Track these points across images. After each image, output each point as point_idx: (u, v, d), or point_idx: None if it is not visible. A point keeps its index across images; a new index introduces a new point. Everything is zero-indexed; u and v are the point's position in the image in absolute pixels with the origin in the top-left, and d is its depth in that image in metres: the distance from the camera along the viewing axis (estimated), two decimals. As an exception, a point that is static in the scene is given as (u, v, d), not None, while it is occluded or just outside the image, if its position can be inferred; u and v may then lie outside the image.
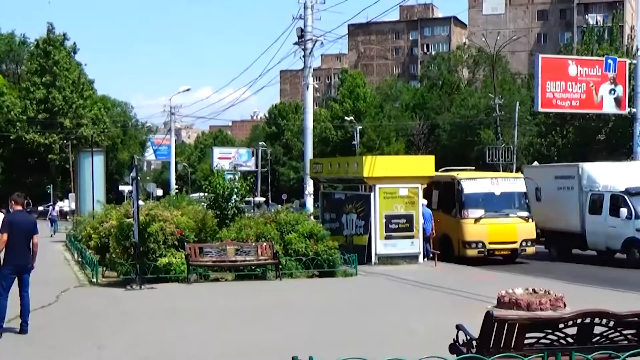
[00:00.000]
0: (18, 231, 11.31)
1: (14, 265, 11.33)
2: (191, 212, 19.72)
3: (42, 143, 79.45)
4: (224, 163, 63.58)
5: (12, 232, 11.22)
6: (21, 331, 11.37)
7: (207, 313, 13.87)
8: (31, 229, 11.60)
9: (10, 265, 11.31)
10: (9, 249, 11.21)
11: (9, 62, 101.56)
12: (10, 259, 11.27)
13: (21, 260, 11.39)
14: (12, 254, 11.25)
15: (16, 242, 11.23)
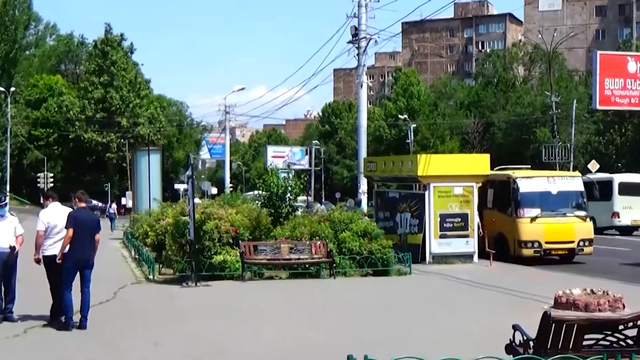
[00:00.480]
0: (81, 228, 11.67)
1: (76, 260, 11.66)
2: (246, 211, 19.82)
3: (100, 142, 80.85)
4: (278, 162, 63.86)
5: (76, 229, 11.56)
6: (80, 326, 11.61)
7: (262, 311, 13.94)
8: (94, 226, 12.06)
9: (72, 260, 11.63)
10: (72, 244, 11.54)
11: (68, 62, 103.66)
12: (72, 254, 11.60)
13: (83, 256, 11.74)
14: (75, 249, 11.58)
15: (79, 238, 11.58)
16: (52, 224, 11.94)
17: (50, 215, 12.07)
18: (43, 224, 11.95)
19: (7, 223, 12.09)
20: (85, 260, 11.80)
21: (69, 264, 11.65)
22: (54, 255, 11.73)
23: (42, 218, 12.07)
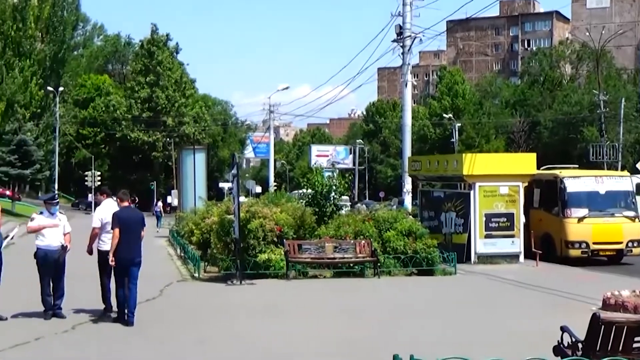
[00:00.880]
0: (126, 226, 11.92)
1: (124, 258, 11.89)
2: (290, 209, 19.86)
3: (146, 141, 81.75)
4: (322, 161, 64.02)
5: (121, 228, 11.83)
6: (127, 323, 11.83)
7: (306, 309, 13.96)
8: (139, 224, 12.36)
9: (121, 258, 11.87)
10: (119, 243, 11.77)
11: (114, 62, 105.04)
12: (120, 253, 11.83)
13: (130, 254, 11.98)
14: (122, 248, 11.80)
15: (125, 237, 11.80)
16: (106, 219, 12.30)
17: (105, 212, 12.47)
18: (98, 220, 12.46)
19: (56, 221, 12.29)
20: (132, 258, 12.03)
21: (118, 262, 11.91)
22: (106, 251, 12.11)
23: (96, 214, 12.66)
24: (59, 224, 12.28)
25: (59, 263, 12.21)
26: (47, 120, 72.33)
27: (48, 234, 12.09)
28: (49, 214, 12.34)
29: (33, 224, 12.23)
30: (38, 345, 10.33)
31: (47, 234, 12.08)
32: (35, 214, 12.62)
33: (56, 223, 12.23)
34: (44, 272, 12.11)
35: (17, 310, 12.42)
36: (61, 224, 12.32)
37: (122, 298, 12.02)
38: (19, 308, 12.52)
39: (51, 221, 12.19)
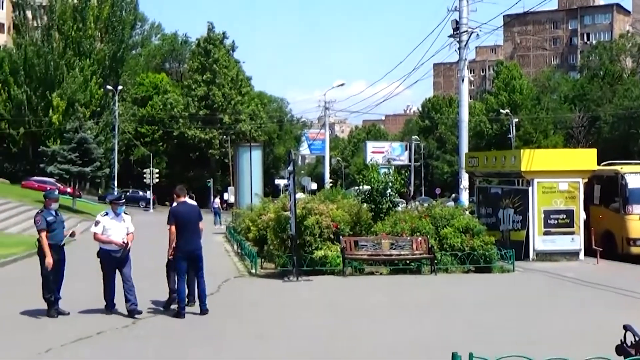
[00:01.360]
0: (184, 221, 12.35)
1: (184, 251, 12.32)
2: (346, 206, 19.85)
3: (202, 138, 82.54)
4: (378, 157, 63.78)
5: (178, 222, 12.27)
6: (202, 312, 12.41)
7: (362, 306, 13.95)
8: (196, 217, 12.71)
9: (181, 252, 12.31)
10: (179, 237, 12.24)
11: (172, 61, 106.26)
12: (180, 246, 12.29)
13: (190, 247, 12.40)
14: (182, 241, 12.27)
15: (184, 231, 12.29)
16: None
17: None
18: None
19: (121, 223, 12.50)
20: (192, 250, 12.45)
21: (178, 256, 12.31)
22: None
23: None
24: (123, 224, 12.49)
25: (122, 261, 12.36)
26: (106, 118, 73.58)
27: (112, 233, 12.28)
28: (114, 214, 12.49)
29: (97, 229, 12.34)
30: (99, 339, 10.51)
31: (113, 234, 12.28)
32: (100, 215, 12.70)
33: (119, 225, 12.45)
34: (107, 271, 12.32)
35: (81, 306, 12.56)
36: (125, 224, 12.51)
37: (182, 292, 12.38)
38: (82, 304, 12.68)
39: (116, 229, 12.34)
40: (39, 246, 12.08)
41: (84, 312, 12.37)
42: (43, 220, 11.97)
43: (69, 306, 12.31)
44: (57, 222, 12.22)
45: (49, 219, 12.04)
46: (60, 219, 12.46)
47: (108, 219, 12.43)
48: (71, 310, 12.28)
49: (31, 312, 12.17)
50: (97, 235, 12.32)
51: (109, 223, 12.36)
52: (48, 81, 72.01)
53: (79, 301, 12.70)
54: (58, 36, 74.96)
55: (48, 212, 12.19)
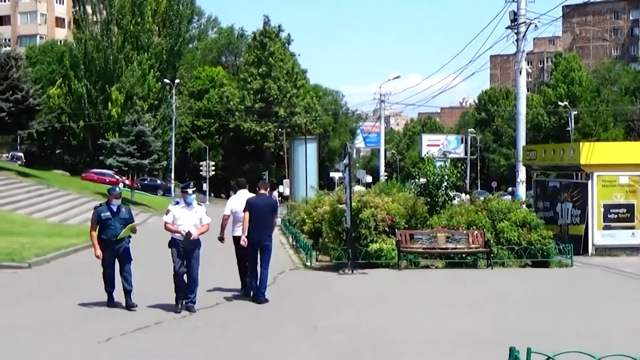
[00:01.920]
0: (256, 212, 12.93)
1: (254, 241, 12.92)
2: (401, 199, 19.77)
3: (258, 131, 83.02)
4: (433, 150, 63.40)
5: (251, 213, 12.88)
6: (259, 302, 12.86)
7: (418, 299, 13.90)
8: (269, 210, 13.27)
9: (251, 241, 12.91)
10: (251, 226, 12.85)
11: (228, 54, 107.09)
12: (250, 236, 12.87)
13: (259, 237, 12.96)
14: (252, 231, 12.88)
15: (255, 221, 12.88)
16: (236, 208, 13.53)
17: (236, 201, 13.69)
18: (228, 209, 13.76)
19: (192, 213, 12.11)
20: (260, 240, 12.98)
21: (249, 245, 12.95)
22: (239, 236, 13.19)
23: (228, 204, 13.92)
24: (194, 215, 12.09)
25: (191, 252, 12.01)
26: (164, 111, 74.50)
27: (184, 224, 11.97)
28: (184, 204, 12.15)
29: (167, 218, 12.10)
30: (158, 329, 10.66)
31: (183, 224, 11.97)
32: (171, 205, 12.46)
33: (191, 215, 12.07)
34: (178, 262, 11.96)
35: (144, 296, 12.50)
36: (197, 215, 12.12)
37: (255, 280, 13.09)
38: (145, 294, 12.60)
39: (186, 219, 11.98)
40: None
41: (147, 302, 12.33)
42: (95, 216, 12.09)
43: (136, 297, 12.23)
44: (114, 218, 12.02)
45: (103, 214, 12.00)
46: (122, 215, 12.16)
47: (179, 208, 12.13)
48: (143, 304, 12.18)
49: (93, 301, 12.34)
50: (167, 225, 12.09)
51: (179, 212, 12.06)
52: (107, 75, 73.21)
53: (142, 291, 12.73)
54: (117, 30, 76.08)
55: (105, 208, 12.12)
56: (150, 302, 12.40)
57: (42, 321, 11.10)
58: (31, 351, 9.30)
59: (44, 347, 9.51)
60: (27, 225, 28.67)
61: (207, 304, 12.39)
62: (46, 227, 28.95)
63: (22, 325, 10.79)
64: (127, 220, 12.22)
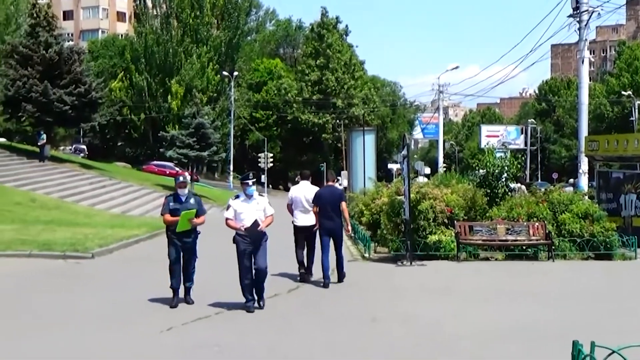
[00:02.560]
0: (324, 202, 13.94)
1: (325, 229, 13.92)
2: (461, 191, 19.60)
3: (316, 123, 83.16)
4: (492, 141, 62.61)
5: (319, 204, 13.91)
6: (324, 285, 13.68)
7: (478, 291, 13.78)
8: (336, 200, 14.14)
9: (322, 229, 13.96)
10: (321, 216, 13.92)
11: (286, 46, 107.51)
12: (322, 224, 13.92)
13: (329, 225, 13.91)
14: (322, 220, 13.92)
15: (324, 211, 13.91)
16: (297, 197, 14.31)
17: (295, 191, 14.57)
18: (289, 198, 14.54)
19: (254, 205, 11.49)
20: (331, 229, 13.96)
21: (321, 232, 13.99)
22: (300, 226, 14.20)
23: (289, 194, 14.73)
24: (256, 207, 11.47)
25: (260, 248, 11.43)
26: (222, 104, 75.21)
27: (246, 218, 11.35)
28: (245, 196, 11.48)
29: (228, 214, 11.55)
30: (218, 319, 10.77)
31: (246, 218, 11.35)
32: (231, 199, 11.74)
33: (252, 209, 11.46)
34: (242, 258, 11.38)
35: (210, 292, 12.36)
36: (259, 207, 11.50)
37: (325, 264, 13.83)
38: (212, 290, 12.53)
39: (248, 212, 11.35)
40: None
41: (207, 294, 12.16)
42: (164, 205, 11.73)
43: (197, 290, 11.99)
44: (181, 208, 11.52)
45: (171, 204, 11.62)
46: (189, 206, 11.62)
47: (239, 202, 11.49)
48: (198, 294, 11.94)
49: (156, 291, 12.38)
50: (228, 221, 11.53)
51: (240, 206, 11.44)
52: (167, 68, 74.20)
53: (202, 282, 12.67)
54: (176, 24, 77.05)
55: (172, 198, 11.75)
56: (211, 293, 12.48)
57: (105, 310, 11.31)
58: (95, 339, 9.49)
59: (107, 335, 9.69)
60: (90, 216, 29.27)
61: (266, 295, 12.45)
62: (108, 218, 29.51)
63: (86, 314, 11.02)
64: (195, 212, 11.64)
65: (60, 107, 44.45)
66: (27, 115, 45.10)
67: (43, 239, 19.73)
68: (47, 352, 8.71)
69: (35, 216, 26.60)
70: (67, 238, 19.97)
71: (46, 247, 18.25)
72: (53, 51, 45.32)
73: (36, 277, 14.88)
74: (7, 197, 30.37)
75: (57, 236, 20.46)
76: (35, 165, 41.67)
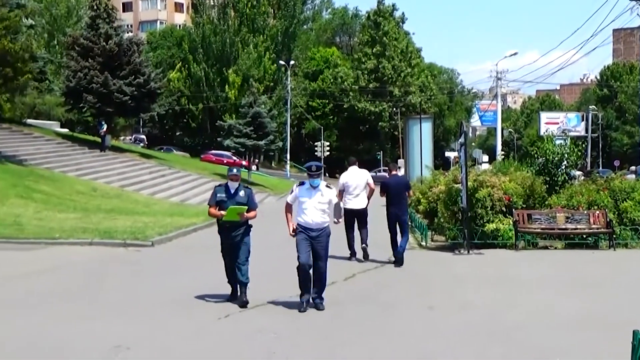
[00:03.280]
0: (392, 190, 15.26)
1: (393, 214, 15.20)
2: (519, 178, 19.36)
3: (372, 111, 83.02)
4: (552, 128, 61.67)
5: (388, 191, 15.27)
6: (396, 262, 15.13)
7: (536, 280, 13.61)
8: (401, 188, 15.51)
9: (390, 215, 15.23)
10: (389, 203, 15.21)
11: (342, 34, 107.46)
12: (390, 210, 15.20)
13: (397, 211, 15.21)
14: (391, 206, 15.21)
15: (392, 198, 15.20)
16: (348, 183, 15.62)
17: (346, 177, 15.79)
18: (341, 184, 15.73)
19: (317, 196, 10.75)
20: (398, 214, 15.23)
21: (390, 219, 15.22)
22: (350, 209, 15.32)
23: (340, 179, 15.99)
24: (321, 198, 10.76)
25: (323, 244, 10.79)
26: (279, 93, 75.53)
27: (308, 208, 10.69)
28: (309, 186, 10.81)
29: (289, 199, 11.03)
30: (276, 308, 10.84)
31: (308, 209, 10.69)
32: (296, 185, 11.15)
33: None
34: (303, 253, 10.56)
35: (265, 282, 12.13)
36: (324, 198, 10.77)
37: (396, 245, 15.21)
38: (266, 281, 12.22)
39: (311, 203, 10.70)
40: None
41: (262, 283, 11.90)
42: (212, 196, 11.06)
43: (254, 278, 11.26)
44: (229, 200, 10.80)
45: (218, 195, 10.90)
46: (238, 198, 10.83)
47: (304, 189, 10.85)
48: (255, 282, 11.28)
49: (213, 279, 12.30)
50: (287, 206, 11.05)
51: (304, 194, 10.80)
52: (224, 58, 74.80)
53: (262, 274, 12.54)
54: (233, 14, 77.60)
55: (222, 189, 11.00)
56: (268, 281, 12.55)
57: (164, 297, 11.49)
58: (154, 325, 9.66)
59: (167, 321, 9.85)
60: (150, 205, 29.74)
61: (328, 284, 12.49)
62: (167, 206, 29.95)
63: (146, 301, 11.22)
64: (243, 205, 10.83)
65: (120, 98, 45.21)
66: (88, 105, 45.97)
67: (104, 227, 20.14)
68: (115, 335, 8.91)
69: (96, 205, 27.13)
70: (127, 226, 20.35)
71: (107, 235, 18.63)
72: (113, 42, 46.07)
73: (99, 264, 15.20)
74: (70, 186, 31.05)
75: (118, 224, 20.86)
76: (97, 155, 42.48)
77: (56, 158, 37.78)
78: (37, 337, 8.93)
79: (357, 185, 15.60)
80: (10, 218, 21.12)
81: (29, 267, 14.37)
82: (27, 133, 43.63)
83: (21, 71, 32.69)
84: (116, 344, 8.50)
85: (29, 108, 50.94)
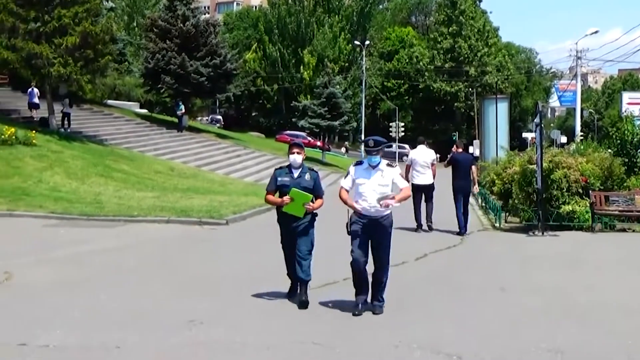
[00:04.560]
0: (459, 165, 17.01)
1: (459, 187, 16.96)
2: (597, 160, 18.96)
3: (448, 91, 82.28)
4: (634, 109, 59.99)
5: (456, 166, 16.98)
6: (460, 233, 16.65)
7: (613, 263, 13.37)
8: (468, 164, 17.45)
9: (457, 188, 16.96)
10: (455, 178, 16.92)
11: (418, 14, 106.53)
12: (456, 185, 16.96)
13: (463, 183, 17.05)
14: (457, 181, 16.96)
15: (459, 173, 16.97)
16: (416, 159, 17.18)
17: (414, 154, 17.44)
18: (408, 160, 17.62)
19: (377, 176, 9.02)
20: (463, 188, 17.01)
21: (456, 192, 16.88)
22: (417, 184, 16.67)
23: (409, 156, 17.83)
24: (380, 180, 9.02)
25: (383, 241, 9.18)
26: (354, 73, 75.41)
27: (366, 191, 9.02)
28: (368, 165, 9.12)
29: (345, 183, 9.31)
30: (345, 285, 10.88)
31: (365, 192, 9.02)
32: (352, 165, 9.45)
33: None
34: (357, 249, 9.08)
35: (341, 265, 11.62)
36: (383, 180, 9.02)
37: (461, 219, 16.82)
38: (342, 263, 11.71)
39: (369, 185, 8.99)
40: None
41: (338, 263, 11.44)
42: (271, 179, 9.69)
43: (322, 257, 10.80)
44: (291, 185, 9.32)
45: (279, 178, 9.50)
46: (303, 183, 9.37)
47: (361, 169, 9.16)
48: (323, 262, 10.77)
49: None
50: (342, 192, 9.28)
51: (361, 175, 9.12)
52: (299, 38, 75.03)
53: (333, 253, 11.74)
54: (309, -6, 77.58)
55: (283, 172, 9.56)
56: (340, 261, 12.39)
57: (238, 275, 11.72)
58: (226, 302, 9.86)
59: (238, 299, 10.00)
60: (225, 184, 30.19)
61: (394, 262, 12.48)
62: (242, 186, 30.34)
63: (220, 278, 11.46)
64: (308, 191, 9.34)
65: (197, 79, 45.90)
66: (166, 87, 46.81)
67: (181, 205, 20.56)
68: (190, 310, 9.13)
69: (173, 184, 27.70)
70: (203, 205, 20.72)
71: (184, 213, 19.02)
72: (190, 24, 46.76)
73: (175, 242, 15.57)
74: (148, 165, 31.75)
75: (194, 203, 21.26)
76: (174, 135, 43.27)
77: (135, 138, 38.63)
78: (117, 310, 9.22)
79: (424, 162, 17.11)
80: (91, 196, 21.79)
81: (110, 243, 14.84)
82: (107, 114, 44.70)
83: (102, 53, 33.47)
84: (190, 319, 8.71)
85: (109, 89, 52.16)
